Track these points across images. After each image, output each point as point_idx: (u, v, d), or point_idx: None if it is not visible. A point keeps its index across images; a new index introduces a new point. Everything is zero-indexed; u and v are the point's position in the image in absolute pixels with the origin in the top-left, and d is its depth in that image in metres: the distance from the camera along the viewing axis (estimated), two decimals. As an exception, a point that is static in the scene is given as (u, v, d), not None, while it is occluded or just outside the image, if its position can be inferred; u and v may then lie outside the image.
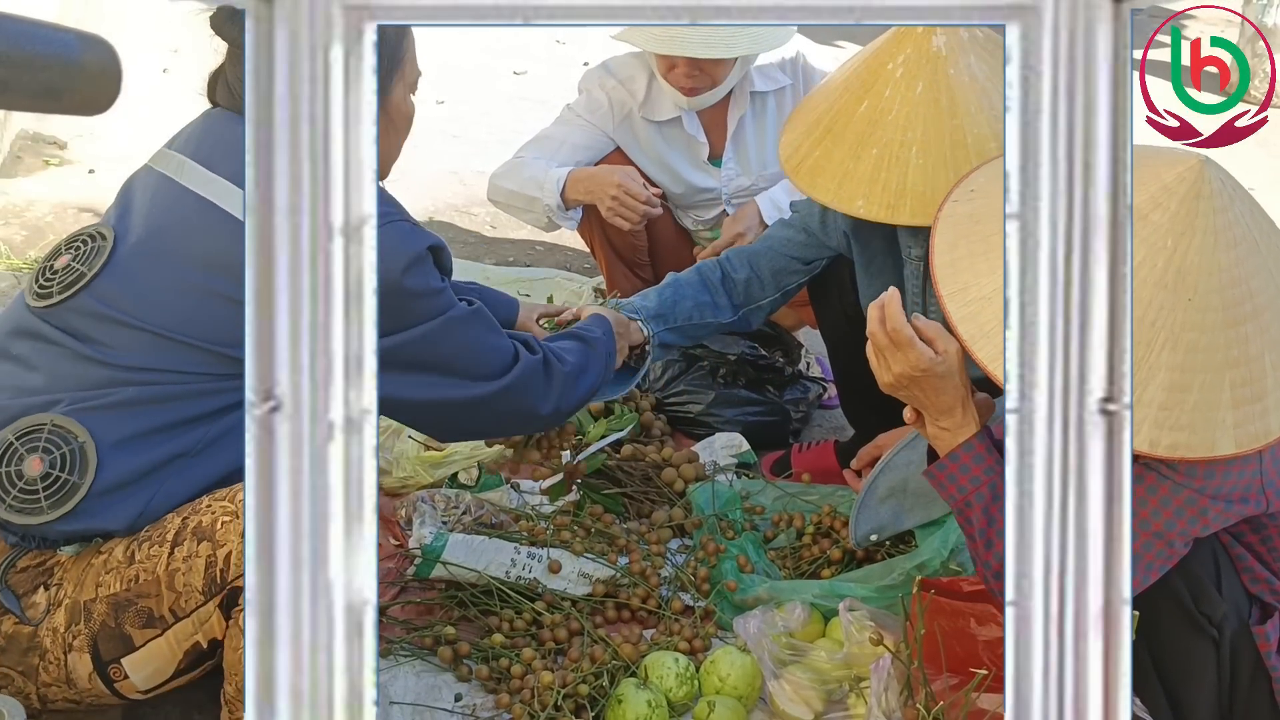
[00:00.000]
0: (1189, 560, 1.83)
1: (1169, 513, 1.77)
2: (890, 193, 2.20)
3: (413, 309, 1.90)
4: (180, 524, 1.78)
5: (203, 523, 1.76)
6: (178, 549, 1.75)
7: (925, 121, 2.21)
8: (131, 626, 1.76)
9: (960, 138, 2.20)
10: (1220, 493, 1.76)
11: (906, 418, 1.91)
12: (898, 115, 2.22)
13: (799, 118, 2.42)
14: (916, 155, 2.19)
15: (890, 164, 2.21)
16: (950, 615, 1.96)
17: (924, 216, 2.15)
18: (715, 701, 2.10)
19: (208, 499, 1.79)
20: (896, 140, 2.21)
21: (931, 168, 2.18)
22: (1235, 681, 1.88)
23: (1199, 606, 1.85)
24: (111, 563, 1.78)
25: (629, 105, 3.14)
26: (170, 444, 1.82)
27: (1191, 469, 1.75)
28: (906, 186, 2.20)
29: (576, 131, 3.17)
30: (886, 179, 2.21)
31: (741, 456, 2.87)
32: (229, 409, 1.82)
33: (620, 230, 3.23)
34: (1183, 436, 1.67)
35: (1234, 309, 1.68)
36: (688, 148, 3.18)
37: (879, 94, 2.24)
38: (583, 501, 2.69)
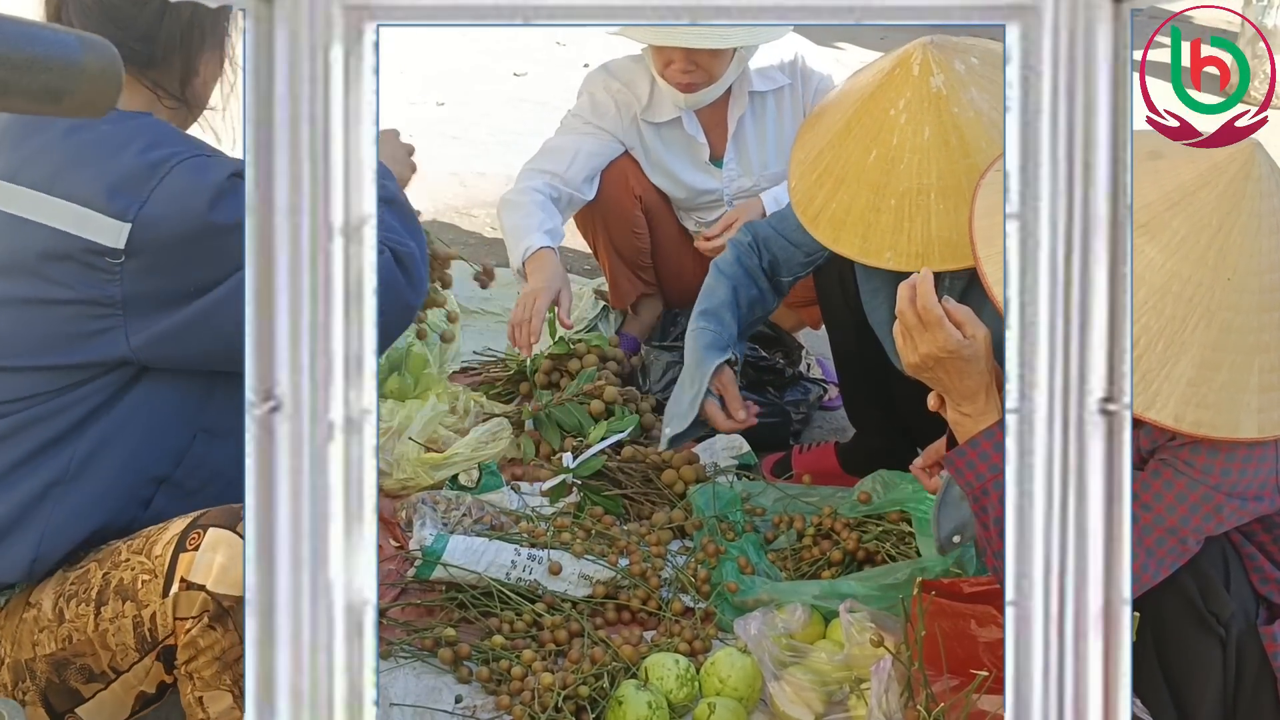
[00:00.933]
0: (1199, 558, 1.83)
1: (1184, 508, 1.77)
2: (917, 242, 2.17)
3: (232, 247, 1.67)
4: (103, 580, 1.70)
5: (124, 580, 1.68)
6: (104, 608, 1.69)
7: (939, 165, 2.17)
8: (76, 682, 1.72)
9: (974, 176, 2.18)
10: (1236, 490, 1.76)
11: (931, 404, 1.91)
12: (909, 163, 2.18)
13: (805, 160, 2.37)
14: (936, 201, 2.16)
15: (912, 213, 2.18)
16: (951, 617, 1.96)
17: (954, 260, 2.14)
18: (716, 703, 2.09)
19: (126, 549, 1.71)
20: (914, 189, 2.17)
21: (953, 211, 2.14)
22: (1240, 682, 1.88)
23: (1208, 605, 1.85)
24: (43, 620, 1.73)
25: (634, 108, 3.13)
26: (37, 475, 1.73)
27: (1208, 466, 1.75)
28: (932, 234, 2.16)
29: (587, 140, 3.12)
30: (910, 229, 2.18)
31: (742, 458, 2.87)
32: (87, 420, 1.74)
33: (624, 232, 3.23)
34: (1208, 415, 1.68)
35: (1270, 294, 1.70)
36: (688, 149, 3.17)
37: (886, 142, 2.20)
38: (583, 503, 2.69)
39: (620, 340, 3.28)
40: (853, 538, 2.48)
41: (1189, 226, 1.69)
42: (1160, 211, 1.71)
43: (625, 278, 3.32)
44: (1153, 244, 1.70)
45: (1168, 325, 1.69)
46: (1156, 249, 1.70)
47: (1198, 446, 1.76)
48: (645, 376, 3.17)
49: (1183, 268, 1.68)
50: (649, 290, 3.37)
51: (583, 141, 3.11)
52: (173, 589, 1.64)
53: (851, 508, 2.52)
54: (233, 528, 1.65)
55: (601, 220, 3.23)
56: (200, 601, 1.63)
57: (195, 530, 1.66)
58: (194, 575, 1.63)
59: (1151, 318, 1.69)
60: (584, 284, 3.70)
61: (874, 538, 2.48)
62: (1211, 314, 1.68)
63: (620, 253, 3.27)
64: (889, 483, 2.51)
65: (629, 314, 3.43)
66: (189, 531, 1.66)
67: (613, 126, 3.13)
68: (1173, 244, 1.70)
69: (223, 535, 1.65)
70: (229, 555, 1.63)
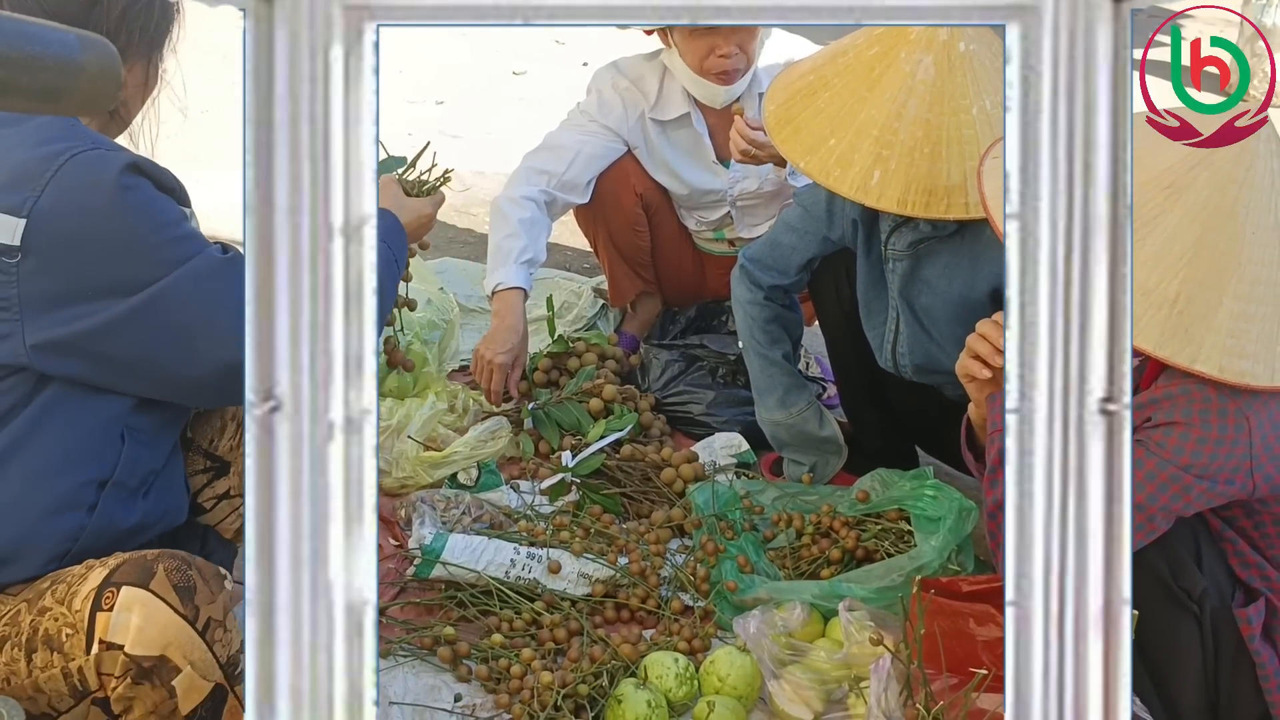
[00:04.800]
0: (1168, 537, 1.86)
1: (1152, 487, 1.81)
2: (930, 189, 2.22)
3: (145, 247, 1.65)
4: (30, 628, 1.64)
5: (49, 631, 1.62)
6: (35, 655, 1.63)
7: (939, 114, 2.22)
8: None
9: (971, 134, 2.22)
10: (1206, 472, 1.79)
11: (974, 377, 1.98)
12: (917, 116, 2.23)
13: (785, 82, 2.42)
14: (948, 149, 2.21)
15: (918, 159, 2.22)
16: (950, 615, 1.96)
17: (961, 209, 2.20)
18: (715, 701, 2.10)
19: (51, 596, 1.64)
20: (907, 133, 2.22)
21: (968, 158, 2.20)
22: (1219, 664, 1.90)
23: (1178, 581, 1.88)
24: None
25: (641, 106, 3.13)
26: None
27: (1179, 448, 1.79)
28: (941, 182, 2.22)
29: (591, 141, 3.12)
30: (900, 171, 2.22)
31: (741, 456, 2.87)
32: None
33: (624, 230, 3.23)
34: (1248, 365, 1.74)
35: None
36: (694, 148, 3.17)
37: (891, 84, 2.25)
38: (582, 502, 2.70)
39: (619, 339, 3.28)
40: (851, 536, 2.48)
41: (1210, 188, 1.74)
42: (1182, 173, 1.75)
43: (625, 275, 3.32)
44: (1179, 204, 1.74)
45: (1205, 277, 1.74)
46: (1183, 210, 1.74)
47: (1170, 429, 1.80)
48: (644, 375, 3.17)
49: (1213, 220, 1.73)
50: (648, 288, 3.38)
51: (586, 142, 3.11)
52: (94, 648, 1.58)
53: (850, 506, 2.52)
54: (145, 585, 1.57)
55: (602, 217, 3.23)
56: (121, 662, 1.57)
57: (109, 589, 1.58)
58: (112, 636, 1.57)
59: (1190, 270, 1.73)
60: (583, 283, 3.70)
61: (873, 536, 2.48)
62: (1242, 266, 1.74)
63: (620, 250, 3.28)
64: (887, 481, 2.51)
65: (628, 312, 3.43)
66: (103, 589, 1.59)
67: (618, 125, 3.13)
68: (1198, 203, 1.74)
69: (136, 594, 1.57)
70: (143, 615, 1.56)
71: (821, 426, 2.75)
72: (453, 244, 4.12)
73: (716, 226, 3.32)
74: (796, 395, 2.75)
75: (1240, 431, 1.77)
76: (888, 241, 2.48)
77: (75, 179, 1.63)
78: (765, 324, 2.74)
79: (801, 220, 2.65)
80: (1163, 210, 1.75)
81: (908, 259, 2.46)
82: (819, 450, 2.77)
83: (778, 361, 2.75)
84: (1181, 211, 1.74)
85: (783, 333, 2.77)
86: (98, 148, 1.67)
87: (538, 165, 3.09)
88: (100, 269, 1.64)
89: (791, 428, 2.75)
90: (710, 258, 3.38)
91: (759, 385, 2.78)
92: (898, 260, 2.48)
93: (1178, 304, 1.73)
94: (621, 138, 3.15)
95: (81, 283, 1.64)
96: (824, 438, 2.76)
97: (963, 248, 2.40)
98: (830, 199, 2.57)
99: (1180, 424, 1.79)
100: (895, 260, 2.48)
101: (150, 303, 1.65)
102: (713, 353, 3.12)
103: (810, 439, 2.76)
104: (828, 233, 2.62)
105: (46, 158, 1.63)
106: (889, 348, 2.58)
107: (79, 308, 1.64)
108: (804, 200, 2.67)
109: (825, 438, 2.76)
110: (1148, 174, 1.75)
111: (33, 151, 1.64)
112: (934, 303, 2.46)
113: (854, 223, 2.56)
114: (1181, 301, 1.73)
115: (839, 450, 2.78)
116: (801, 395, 2.76)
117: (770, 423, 2.78)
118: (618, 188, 3.18)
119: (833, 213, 2.60)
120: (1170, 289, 1.74)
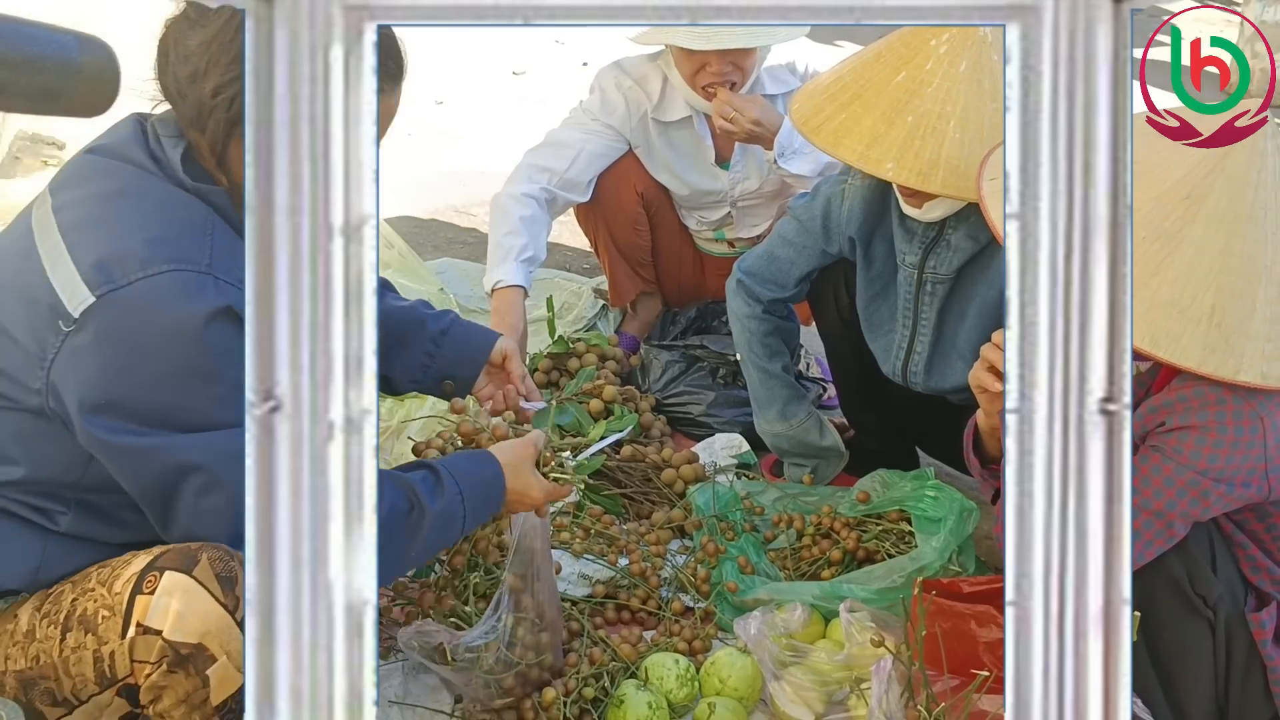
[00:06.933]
0: (1186, 541, 1.85)
1: (1171, 493, 1.80)
2: (924, 161, 2.20)
3: (191, 392, 1.60)
4: (71, 606, 1.66)
5: (87, 610, 1.63)
6: (69, 635, 1.64)
7: (966, 98, 2.20)
8: (41, 704, 1.69)
9: (999, 121, 2.20)
10: (1223, 476, 1.78)
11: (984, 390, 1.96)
12: (938, 88, 2.22)
13: (816, 88, 2.42)
14: (954, 129, 2.19)
15: (926, 133, 2.20)
16: (951, 617, 1.96)
17: (955, 188, 2.18)
18: (716, 703, 2.09)
19: (96, 577, 1.66)
20: (934, 112, 2.21)
21: (968, 143, 2.18)
22: (1230, 669, 1.89)
23: (1194, 587, 1.88)
24: (17, 635, 1.70)
25: (644, 106, 3.12)
26: None
27: (1196, 452, 1.78)
28: (941, 157, 2.19)
29: (593, 139, 3.11)
30: (920, 147, 2.20)
31: (741, 457, 2.87)
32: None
33: (625, 229, 3.23)
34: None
35: None
36: (696, 149, 3.17)
37: (919, 66, 2.24)
38: (582, 503, 2.69)
39: (619, 339, 3.28)
40: (852, 537, 2.48)
41: (1228, 195, 1.73)
42: (1199, 180, 1.74)
43: (625, 275, 3.32)
44: (1201, 214, 1.73)
45: (1237, 285, 1.72)
46: (1205, 219, 1.73)
47: (1186, 433, 1.79)
48: (644, 375, 3.17)
49: (1235, 225, 1.72)
50: (648, 288, 3.37)
51: (588, 140, 3.11)
52: (129, 631, 1.59)
53: (851, 507, 2.52)
54: (188, 571, 1.58)
55: (602, 216, 3.23)
56: (158, 648, 1.57)
57: (152, 573, 1.59)
58: (150, 620, 1.57)
59: (1222, 280, 1.72)
60: (583, 283, 3.69)
61: (873, 537, 2.48)
62: (1269, 270, 1.73)
63: (621, 249, 3.27)
64: (888, 482, 2.51)
65: (628, 312, 3.43)
66: (146, 573, 1.59)
67: (620, 124, 3.13)
68: (1218, 210, 1.73)
69: (178, 580, 1.57)
70: (184, 601, 1.56)
71: (823, 436, 2.76)
72: (453, 244, 4.12)
73: (717, 226, 3.32)
74: (796, 406, 2.76)
75: (1255, 433, 1.77)
76: (924, 265, 2.46)
77: (160, 293, 1.59)
78: (764, 338, 2.74)
79: (798, 234, 2.65)
80: (1185, 221, 1.72)
81: (947, 282, 2.45)
82: (820, 457, 2.78)
83: (777, 374, 2.75)
84: (1204, 221, 1.72)
85: (781, 344, 2.77)
86: (199, 271, 1.61)
87: (539, 162, 3.09)
88: (145, 388, 1.61)
89: (792, 438, 2.76)
90: (710, 258, 3.38)
91: (759, 398, 2.79)
92: (938, 283, 2.45)
93: (1214, 316, 1.71)
94: (624, 137, 3.15)
95: (117, 387, 1.61)
96: (825, 447, 2.76)
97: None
98: (826, 214, 2.56)
99: (1196, 428, 1.78)
100: (935, 283, 2.46)
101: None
102: (713, 353, 3.12)
103: (811, 448, 2.77)
104: (825, 246, 2.62)
105: (146, 261, 1.59)
106: (898, 363, 2.57)
107: (102, 413, 1.61)
108: (799, 214, 2.65)
109: (826, 446, 2.76)
110: (1163, 184, 1.74)
111: (141, 240, 1.60)
112: (976, 323, 2.44)
113: (851, 240, 2.56)
114: (1218, 314, 1.71)
115: (840, 456, 2.78)
116: (801, 406, 2.76)
117: (770, 434, 2.79)
118: (618, 186, 3.18)
119: (829, 228, 2.59)
120: (1205, 302, 1.71)
